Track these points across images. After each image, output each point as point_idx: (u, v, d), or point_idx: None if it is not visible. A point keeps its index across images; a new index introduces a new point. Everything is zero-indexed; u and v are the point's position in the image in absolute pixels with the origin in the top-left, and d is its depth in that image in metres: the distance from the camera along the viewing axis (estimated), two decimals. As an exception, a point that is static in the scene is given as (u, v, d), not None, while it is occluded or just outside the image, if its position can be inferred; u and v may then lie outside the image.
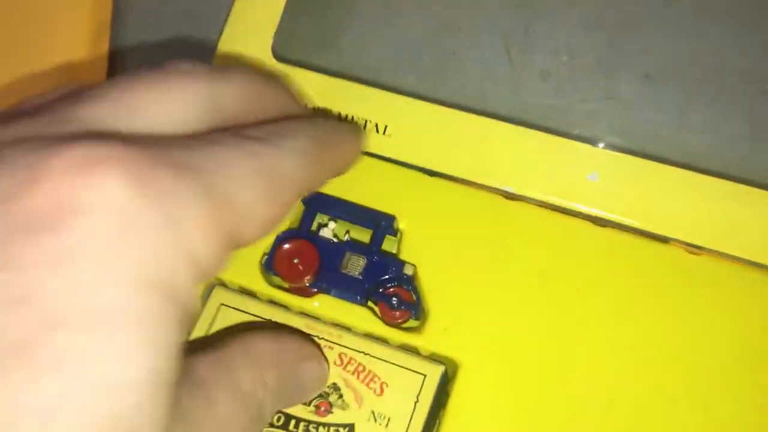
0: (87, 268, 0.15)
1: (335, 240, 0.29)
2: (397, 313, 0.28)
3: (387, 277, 0.28)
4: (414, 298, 0.28)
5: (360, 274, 0.28)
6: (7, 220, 0.15)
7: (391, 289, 0.28)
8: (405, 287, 0.28)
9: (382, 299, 0.28)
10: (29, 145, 0.16)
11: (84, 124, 0.17)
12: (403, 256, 0.29)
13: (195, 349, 0.19)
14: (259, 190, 0.18)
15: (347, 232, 0.30)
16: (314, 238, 0.28)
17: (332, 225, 0.29)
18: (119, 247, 0.15)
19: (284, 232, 0.29)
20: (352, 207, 0.29)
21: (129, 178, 0.15)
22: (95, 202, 0.15)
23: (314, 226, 0.29)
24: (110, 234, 0.15)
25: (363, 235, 0.30)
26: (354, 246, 0.29)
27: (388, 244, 0.29)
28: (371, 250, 0.28)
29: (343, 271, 0.28)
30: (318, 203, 0.29)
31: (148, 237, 0.15)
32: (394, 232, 0.29)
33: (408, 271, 0.28)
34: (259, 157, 0.19)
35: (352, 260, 0.28)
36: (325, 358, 0.27)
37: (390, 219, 0.29)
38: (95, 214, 0.15)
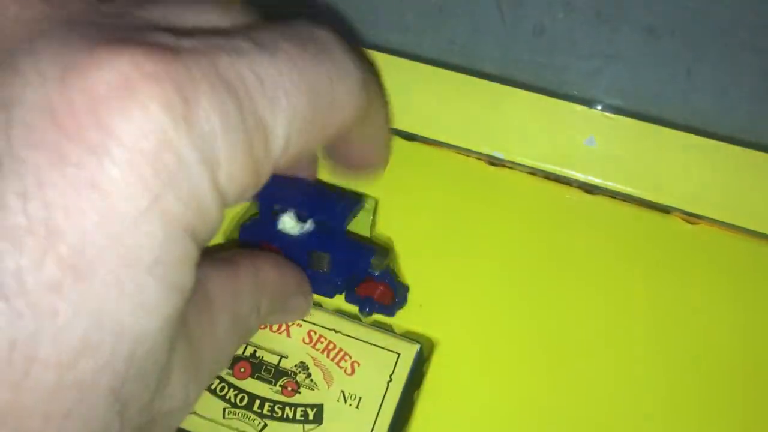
0: (122, 207, 0.14)
1: (297, 231, 0.26)
2: (374, 314, 0.26)
3: (357, 270, 0.26)
4: (390, 292, 0.25)
5: (327, 270, 0.26)
6: (28, 135, 0.13)
7: (364, 286, 0.26)
8: (379, 280, 0.25)
9: (355, 302, 0.26)
10: (71, 35, 0.14)
11: (139, 25, 0.16)
12: (378, 228, 0.27)
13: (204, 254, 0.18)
14: (303, 126, 0.17)
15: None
16: (276, 236, 0.26)
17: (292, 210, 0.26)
18: (156, 185, 0.14)
19: (245, 228, 0.26)
20: (308, 195, 0.26)
21: (171, 107, 0.14)
22: (134, 131, 0.14)
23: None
24: (147, 170, 0.14)
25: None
26: (317, 239, 0.25)
27: (361, 222, 0.27)
28: (335, 244, 0.25)
29: (312, 269, 0.25)
30: (270, 195, 0.24)
31: (184, 177, 0.14)
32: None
33: (375, 267, 0.25)
34: (316, 83, 0.17)
35: (316, 258, 0.25)
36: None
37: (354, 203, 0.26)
38: (133, 146, 0.14)
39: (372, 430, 0.24)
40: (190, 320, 0.18)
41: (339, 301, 0.26)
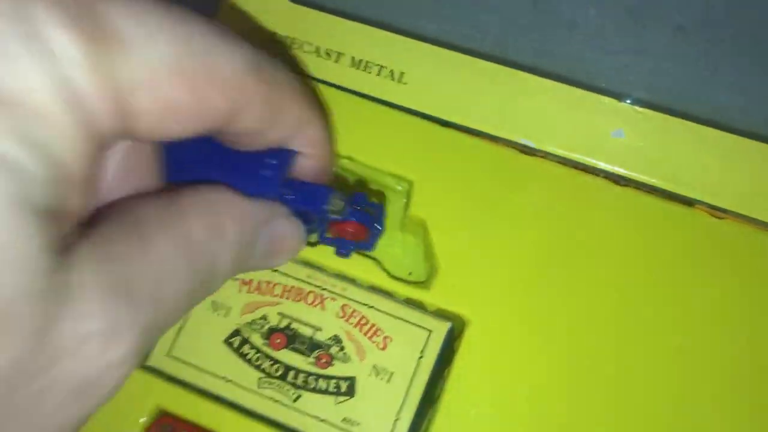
0: None
1: None
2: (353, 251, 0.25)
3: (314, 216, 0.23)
4: (362, 227, 0.24)
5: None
6: None
7: (334, 227, 0.24)
8: (346, 219, 0.23)
9: (329, 244, 0.25)
10: None
11: None
12: (412, 210, 0.28)
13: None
14: (171, 58, 0.15)
15: None
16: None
17: None
18: None
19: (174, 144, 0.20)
20: (227, 162, 0.21)
21: None
22: None
23: None
24: None
25: None
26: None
27: (395, 204, 0.28)
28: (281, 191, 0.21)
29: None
30: (177, 162, 0.20)
31: (5, 51, 0.13)
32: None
33: (334, 212, 0.22)
34: (189, 27, 0.15)
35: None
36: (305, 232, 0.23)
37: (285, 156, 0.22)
38: None
39: (402, 405, 0.25)
40: (114, 240, 0.16)
41: (373, 276, 0.27)
